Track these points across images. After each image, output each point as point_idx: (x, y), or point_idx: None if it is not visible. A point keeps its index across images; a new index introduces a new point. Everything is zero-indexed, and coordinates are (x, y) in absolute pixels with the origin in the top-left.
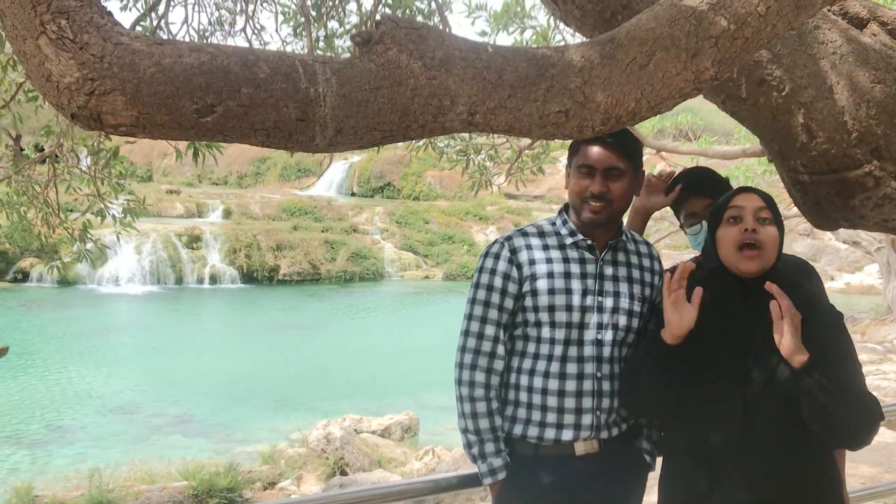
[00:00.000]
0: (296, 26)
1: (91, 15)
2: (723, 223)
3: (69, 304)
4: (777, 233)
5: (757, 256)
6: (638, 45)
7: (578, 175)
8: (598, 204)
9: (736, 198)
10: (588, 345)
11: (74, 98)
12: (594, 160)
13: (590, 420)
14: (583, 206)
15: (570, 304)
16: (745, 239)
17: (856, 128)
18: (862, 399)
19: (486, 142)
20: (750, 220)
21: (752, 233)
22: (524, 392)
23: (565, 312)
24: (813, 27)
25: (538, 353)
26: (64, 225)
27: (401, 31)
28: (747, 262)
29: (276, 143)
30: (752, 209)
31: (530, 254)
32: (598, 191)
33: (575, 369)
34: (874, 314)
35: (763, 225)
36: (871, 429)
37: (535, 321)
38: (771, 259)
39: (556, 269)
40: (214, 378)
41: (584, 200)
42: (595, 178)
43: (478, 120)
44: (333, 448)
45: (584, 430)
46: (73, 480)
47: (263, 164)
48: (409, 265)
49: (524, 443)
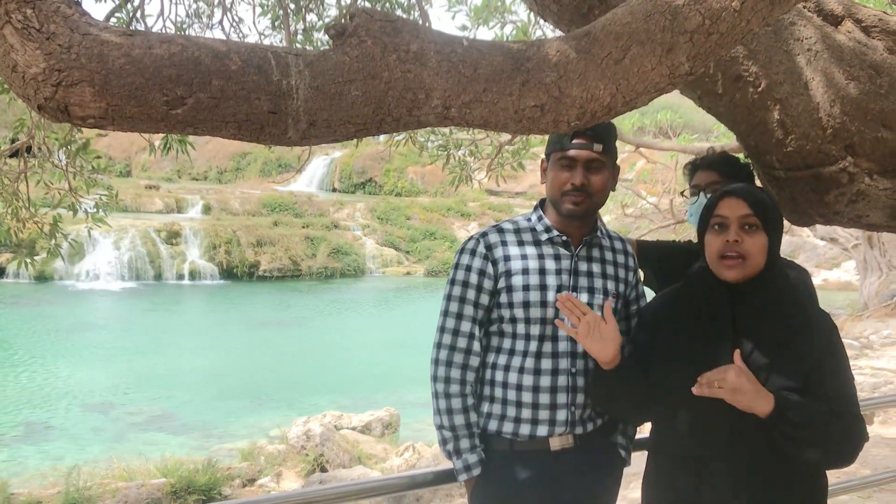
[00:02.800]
0: (274, 19)
1: (58, 5)
2: (709, 229)
3: (46, 300)
4: (764, 240)
5: (738, 265)
6: (613, 40)
7: (558, 168)
8: (579, 196)
9: (721, 204)
10: (563, 340)
11: (41, 89)
12: (575, 152)
13: (564, 416)
14: (562, 199)
15: (544, 300)
16: (726, 250)
17: (830, 124)
18: (852, 421)
19: (466, 137)
20: (733, 231)
21: (735, 244)
22: (499, 388)
23: (540, 308)
24: (788, 24)
25: (513, 348)
26: (35, 219)
27: (375, 24)
28: (727, 270)
29: (247, 135)
30: (737, 218)
31: (505, 250)
32: (580, 182)
33: (550, 365)
34: (851, 310)
35: (749, 233)
36: (855, 452)
37: (510, 317)
38: (756, 266)
39: (531, 265)
40: (194, 375)
41: (564, 193)
42: (576, 170)
43: (453, 114)
44: (313, 445)
45: (558, 426)
46: (50, 478)
47: (244, 159)
48: (390, 261)
49: (500, 439)
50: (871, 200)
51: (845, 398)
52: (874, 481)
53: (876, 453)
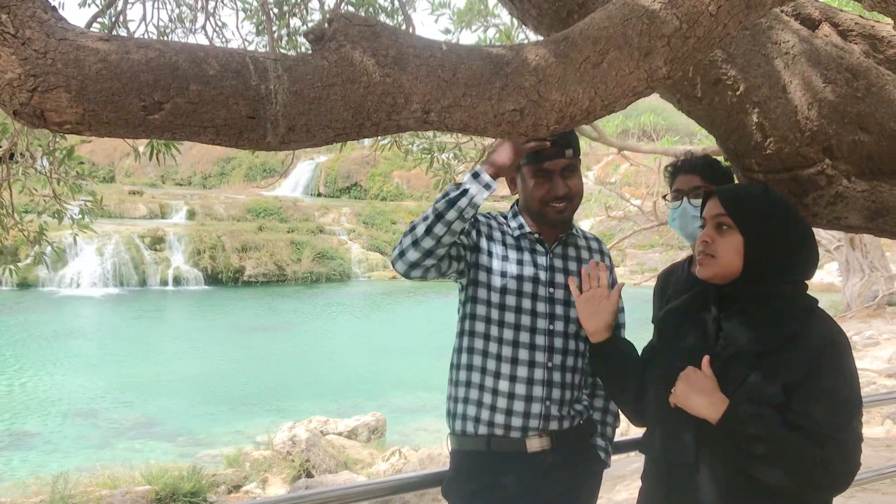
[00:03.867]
0: (257, 24)
1: (34, 10)
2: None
3: (29, 307)
4: (738, 240)
5: (706, 263)
6: (592, 44)
7: (535, 180)
8: (561, 203)
9: (705, 205)
10: (540, 333)
11: (16, 95)
12: (550, 164)
13: (539, 409)
14: (545, 210)
15: (520, 289)
16: (696, 248)
17: (808, 127)
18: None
19: (450, 140)
20: (708, 230)
21: (703, 244)
22: (476, 373)
23: (515, 297)
24: (766, 27)
25: (488, 334)
26: (20, 226)
27: (354, 29)
28: (700, 269)
29: (226, 140)
30: (711, 217)
31: (488, 231)
32: (563, 192)
33: (526, 356)
34: (834, 311)
35: (721, 233)
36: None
37: (486, 299)
38: (727, 266)
39: (510, 254)
40: (178, 381)
41: (545, 203)
42: (555, 181)
43: (432, 118)
44: (299, 450)
45: (532, 419)
46: (33, 487)
47: (228, 164)
48: (376, 266)
49: (476, 438)
50: (849, 202)
51: (832, 423)
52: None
53: None
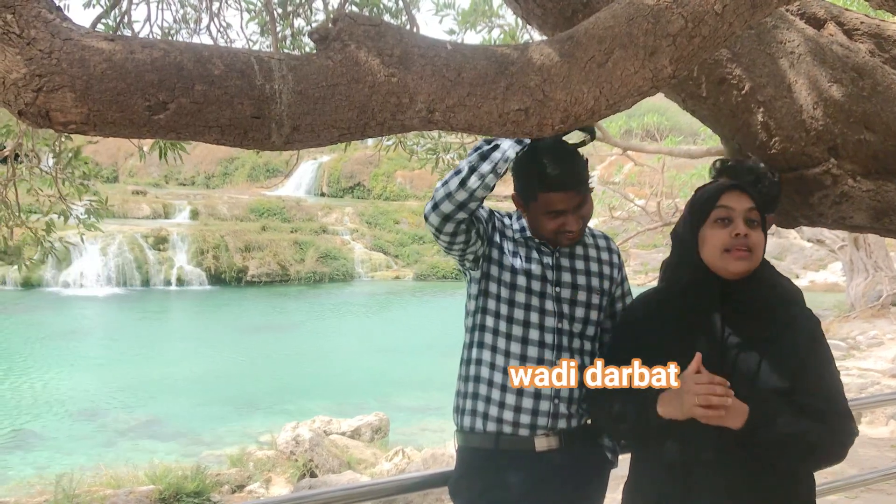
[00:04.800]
0: (261, 24)
1: (38, 9)
2: (709, 222)
3: (33, 306)
4: (763, 236)
5: (747, 258)
6: (597, 44)
7: (546, 216)
8: (573, 233)
9: (725, 196)
10: (548, 332)
11: (21, 95)
12: (562, 205)
13: (547, 406)
14: (558, 238)
15: (529, 287)
16: (737, 244)
17: (814, 126)
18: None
19: (455, 140)
20: (741, 224)
21: (745, 238)
22: (486, 368)
23: (525, 294)
24: (771, 27)
25: (497, 329)
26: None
27: (358, 28)
28: (736, 262)
29: (231, 140)
30: (743, 211)
31: (501, 227)
32: (576, 228)
33: (535, 353)
34: (838, 311)
35: (752, 227)
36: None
37: (496, 294)
38: (758, 261)
39: (520, 251)
40: (182, 381)
41: (558, 234)
42: (568, 217)
43: (437, 118)
44: (302, 450)
45: (541, 416)
46: (37, 486)
47: (231, 164)
48: (379, 266)
49: (485, 436)
50: (854, 202)
51: (832, 396)
52: (861, 481)
53: (863, 453)
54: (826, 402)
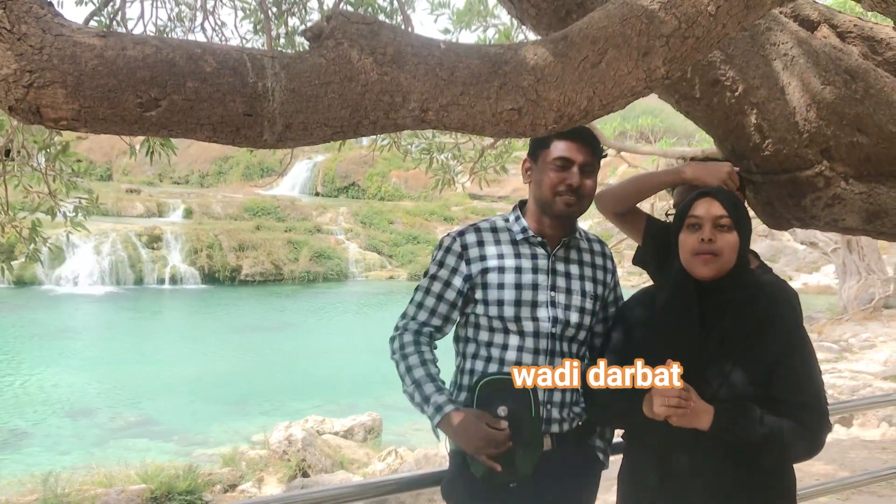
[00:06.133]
0: (256, 22)
1: (30, 5)
2: (683, 229)
3: (26, 304)
4: (736, 238)
5: (711, 260)
6: (590, 44)
7: (553, 168)
8: (573, 197)
9: (695, 205)
10: (543, 338)
11: (12, 90)
12: (572, 154)
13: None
14: (555, 200)
15: (518, 299)
16: (701, 249)
17: (807, 128)
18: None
19: (450, 140)
20: (707, 230)
21: (709, 242)
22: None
23: (513, 307)
24: (765, 29)
25: (491, 341)
26: (13, 223)
27: (352, 27)
28: (702, 266)
29: (223, 138)
30: (711, 218)
31: (482, 250)
32: (577, 183)
33: (530, 360)
34: (830, 314)
35: (722, 232)
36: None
37: (484, 313)
38: (727, 263)
39: (507, 263)
40: (175, 380)
41: (557, 193)
42: (571, 171)
43: (430, 117)
44: (295, 450)
45: None
46: (28, 485)
47: (226, 163)
48: (373, 265)
49: None
50: (846, 204)
51: (807, 394)
52: (852, 483)
53: (854, 455)
54: (799, 396)
